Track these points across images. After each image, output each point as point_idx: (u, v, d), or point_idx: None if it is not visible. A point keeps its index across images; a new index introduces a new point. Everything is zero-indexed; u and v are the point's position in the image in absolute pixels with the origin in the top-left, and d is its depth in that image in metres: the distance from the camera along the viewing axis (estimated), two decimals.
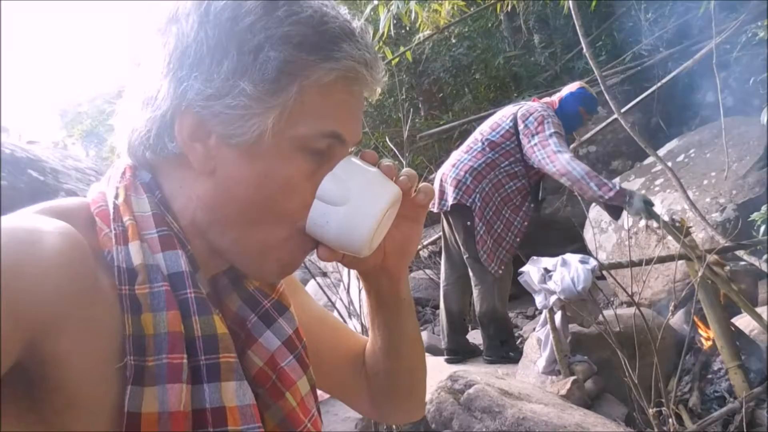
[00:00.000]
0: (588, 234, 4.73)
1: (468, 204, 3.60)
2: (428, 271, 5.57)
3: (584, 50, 4.18)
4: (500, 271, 3.64)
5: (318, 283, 3.07)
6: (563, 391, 2.75)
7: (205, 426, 0.59)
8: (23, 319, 0.50)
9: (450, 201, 3.66)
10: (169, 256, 0.62)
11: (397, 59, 5.80)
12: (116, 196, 0.65)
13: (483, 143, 3.69)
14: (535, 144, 3.48)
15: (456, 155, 3.82)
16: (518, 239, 3.66)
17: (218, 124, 0.62)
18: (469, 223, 3.62)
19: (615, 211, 3.42)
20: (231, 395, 0.61)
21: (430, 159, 7.71)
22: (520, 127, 3.58)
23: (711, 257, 2.80)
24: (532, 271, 2.95)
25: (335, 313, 3.98)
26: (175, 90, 0.62)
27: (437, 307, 5.56)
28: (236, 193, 0.64)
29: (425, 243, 6.24)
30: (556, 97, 3.82)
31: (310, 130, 0.64)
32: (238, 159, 0.64)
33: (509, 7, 5.87)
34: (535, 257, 3.08)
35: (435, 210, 3.83)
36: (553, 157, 3.40)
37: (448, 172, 3.73)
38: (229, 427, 0.60)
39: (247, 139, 0.62)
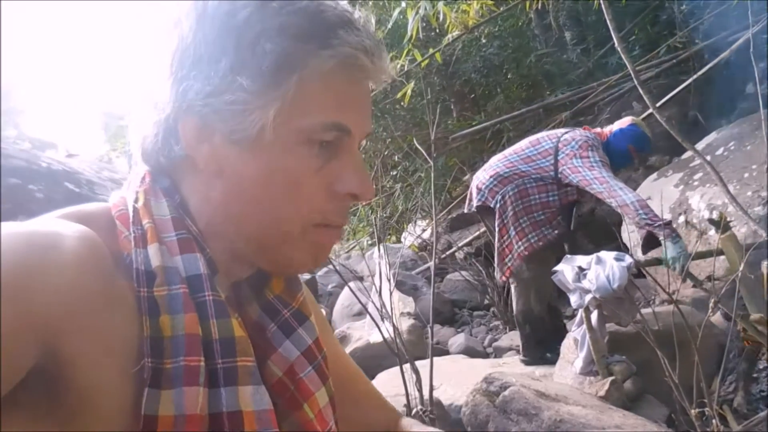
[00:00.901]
0: (625, 232, 4.63)
1: (491, 206, 3.63)
2: (464, 273, 5.52)
3: (616, 45, 4.11)
4: (503, 279, 3.66)
5: (350, 288, 3.06)
6: (601, 393, 2.69)
7: (221, 430, 0.59)
8: (40, 323, 0.50)
9: (474, 203, 3.71)
10: (188, 259, 0.62)
11: (426, 61, 5.79)
12: (136, 200, 0.65)
13: (518, 155, 3.68)
14: (579, 165, 3.38)
15: (490, 161, 3.83)
16: (527, 253, 3.54)
17: (220, 121, 0.62)
18: (491, 224, 3.68)
19: (649, 243, 3.23)
20: (248, 399, 0.61)
21: (464, 161, 7.68)
22: (563, 147, 3.51)
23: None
24: (566, 269, 2.90)
25: (367, 318, 3.99)
26: (177, 92, 0.62)
27: (474, 309, 5.55)
28: (245, 191, 0.64)
29: (461, 244, 6.21)
30: (607, 129, 3.69)
31: (312, 122, 0.63)
32: (243, 156, 0.63)
33: (539, 4, 5.81)
34: (569, 255, 3.02)
35: (465, 210, 3.91)
36: (601, 179, 3.29)
37: (479, 175, 3.78)
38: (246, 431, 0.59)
39: (250, 135, 0.62)
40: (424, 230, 7.43)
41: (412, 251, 6.76)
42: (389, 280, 2.75)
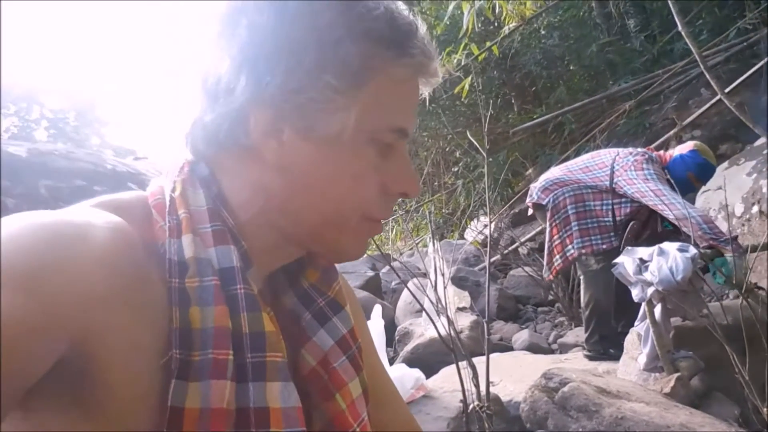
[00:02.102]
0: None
1: (543, 203, 3.63)
2: (527, 269, 5.44)
3: (681, 30, 3.97)
4: (549, 277, 3.68)
5: (406, 286, 3.07)
6: (667, 389, 2.60)
7: (247, 426, 0.58)
8: (66, 316, 0.50)
9: (533, 199, 3.71)
10: (221, 251, 0.62)
11: (483, 55, 5.74)
12: (173, 190, 0.65)
13: (577, 165, 3.68)
14: (634, 177, 3.31)
15: (550, 169, 3.88)
16: (574, 256, 3.53)
17: (299, 117, 0.63)
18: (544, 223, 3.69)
19: (709, 252, 3.08)
20: (275, 396, 0.60)
21: (525, 155, 7.57)
22: (619, 160, 3.45)
23: None
24: (626, 261, 2.81)
25: (423, 315, 4.00)
26: (255, 84, 0.61)
27: (539, 305, 5.47)
28: (312, 185, 0.65)
29: (523, 240, 6.13)
30: (668, 153, 3.54)
31: (381, 124, 0.65)
32: (314, 153, 0.64)
33: None
34: (629, 247, 2.93)
35: (527, 202, 3.88)
36: (657, 191, 3.20)
37: (541, 176, 3.81)
38: (272, 429, 0.59)
39: (329, 133, 0.63)
40: (486, 226, 7.37)
41: (474, 247, 6.71)
42: (443, 275, 2.74)
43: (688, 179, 3.38)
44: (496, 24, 7.10)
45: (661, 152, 3.58)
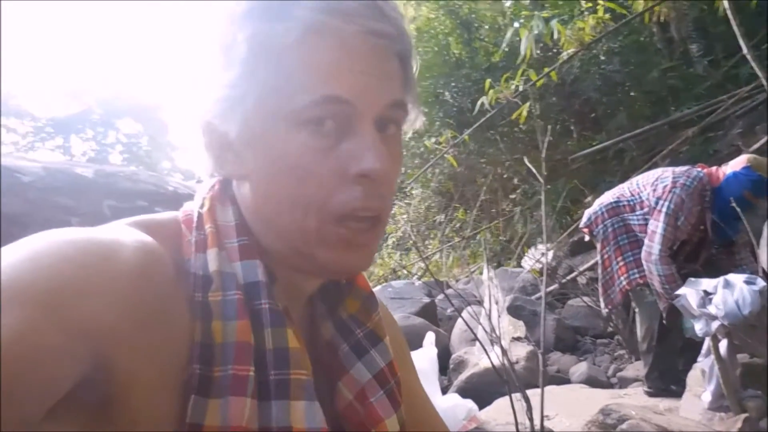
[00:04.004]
0: (763, 253, 4.27)
1: (594, 233, 3.60)
2: (586, 299, 5.31)
3: (747, 54, 3.86)
4: (608, 309, 3.58)
5: (458, 313, 3.04)
6: (733, 430, 2.49)
7: None
8: (88, 336, 0.49)
9: (586, 224, 3.66)
10: (247, 266, 0.61)
11: (541, 81, 5.69)
12: (201, 206, 0.65)
13: (632, 184, 3.60)
14: (654, 208, 3.26)
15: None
16: (629, 288, 3.45)
17: (222, 123, 0.61)
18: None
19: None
20: (300, 416, 0.57)
21: (585, 182, 7.43)
22: (654, 185, 3.35)
23: None
24: (689, 294, 2.71)
25: (476, 344, 3.94)
26: (197, 105, 0.63)
27: (597, 336, 5.32)
28: (262, 190, 0.62)
29: (582, 269, 5.99)
30: (722, 170, 3.32)
31: (300, 100, 0.58)
32: (254, 154, 0.61)
33: (660, 17, 5.58)
34: (692, 278, 2.83)
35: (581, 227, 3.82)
36: (651, 232, 3.22)
37: (597, 200, 3.75)
38: None
39: (250, 129, 0.60)
40: (543, 254, 7.25)
41: (532, 275, 6.60)
42: (497, 303, 2.70)
43: (746, 198, 3.16)
44: (554, 50, 7.05)
45: (714, 168, 3.36)
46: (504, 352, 2.30)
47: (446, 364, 4.41)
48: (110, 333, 0.50)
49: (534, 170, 2.87)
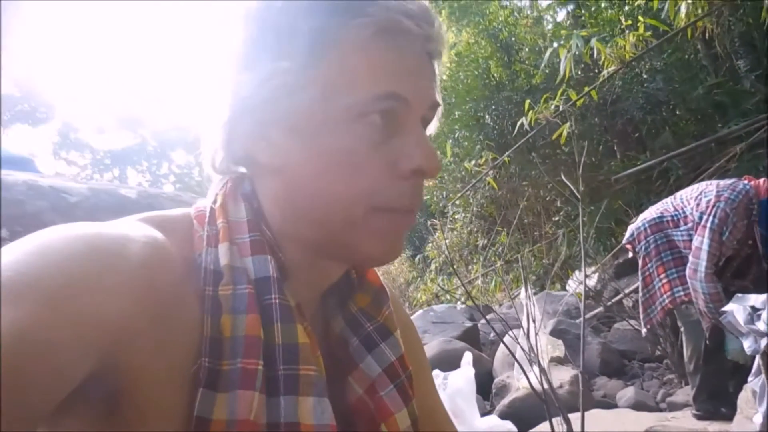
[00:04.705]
0: None
1: (636, 249, 3.52)
2: (632, 322, 5.17)
3: None
4: (647, 329, 3.47)
5: (497, 335, 2.99)
6: None
7: None
8: (96, 332, 0.48)
9: (623, 240, 3.63)
10: (258, 261, 0.61)
11: (582, 100, 5.65)
12: (214, 202, 0.65)
13: (676, 198, 3.51)
14: (698, 224, 3.15)
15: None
16: (671, 307, 3.35)
17: (271, 112, 0.61)
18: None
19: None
20: (308, 412, 0.56)
21: (629, 203, 7.29)
22: (698, 199, 3.26)
23: None
24: (736, 310, 2.60)
25: (515, 366, 3.86)
26: (231, 92, 0.62)
27: (645, 360, 5.16)
28: (306, 180, 0.62)
29: (628, 291, 5.85)
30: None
31: (361, 95, 0.59)
32: (299, 145, 0.61)
33: (704, 33, 5.48)
34: (739, 294, 2.72)
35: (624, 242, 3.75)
36: (695, 249, 3.10)
37: (641, 215, 3.67)
38: None
39: (299, 120, 0.60)
40: (587, 277, 7.11)
41: (576, 299, 6.47)
42: (534, 322, 2.64)
43: None
44: (596, 71, 6.99)
45: (762, 180, 3.22)
46: (542, 370, 2.25)
47: (489, 389, 4.34)
48: (118, 328, 0.50)
49: (571, 186, 2.83)
